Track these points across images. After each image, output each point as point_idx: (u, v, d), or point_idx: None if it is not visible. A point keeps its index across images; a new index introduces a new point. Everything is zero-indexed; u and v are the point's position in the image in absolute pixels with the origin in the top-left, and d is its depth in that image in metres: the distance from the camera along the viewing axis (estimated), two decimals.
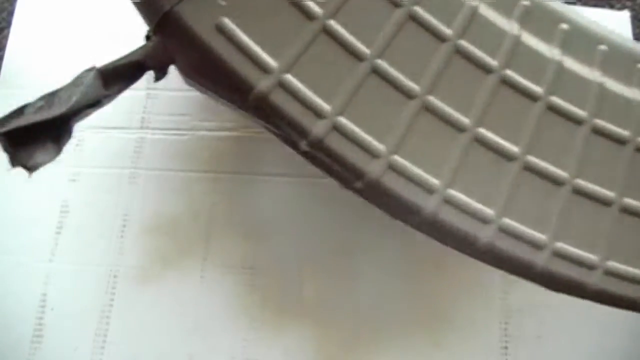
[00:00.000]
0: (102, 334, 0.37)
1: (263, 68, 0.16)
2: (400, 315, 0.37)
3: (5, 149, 0.19)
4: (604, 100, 0.18)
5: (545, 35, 0.19)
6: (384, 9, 0.17)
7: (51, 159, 0.20)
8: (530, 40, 0.19)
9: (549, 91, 0.18)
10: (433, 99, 0.17)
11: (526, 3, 0.19)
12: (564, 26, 0.19)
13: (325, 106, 0.16)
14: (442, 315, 0.37)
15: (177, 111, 0.42)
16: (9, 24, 0.44)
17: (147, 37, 0.21)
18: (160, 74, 0.21)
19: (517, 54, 0.18)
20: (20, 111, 0.20)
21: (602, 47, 0.19)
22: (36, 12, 0.45)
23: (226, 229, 0.39)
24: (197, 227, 0.39)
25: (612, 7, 0.47)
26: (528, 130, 0.18)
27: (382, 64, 0.17)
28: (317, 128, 0.17)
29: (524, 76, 0.18)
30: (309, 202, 0.39)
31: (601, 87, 0.18)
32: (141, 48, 0.20)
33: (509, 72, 0.18)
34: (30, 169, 0.19)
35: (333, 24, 0.16)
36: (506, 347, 0.37)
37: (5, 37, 0.44)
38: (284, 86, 0.16)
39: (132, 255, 0.38)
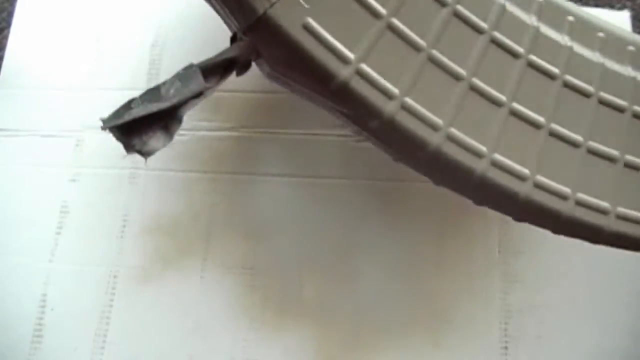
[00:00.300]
0: (102, 334, 0.37)
1: (343, 59, 0.19)
2: (400, 315, 0.37)
3: (119, 139, 0.23)
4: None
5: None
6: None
7: (164, 145, 0.24)
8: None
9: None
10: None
11: None
12: None
13: (392, 88, 0.20)
14: (442, 315, 0.37)
15: None
16: (9, 24, 0.44)
17: (233, 39, 0.24)
18: (244, 70, 0.24)
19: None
20: (128, 106, 0.23)
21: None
22: (36, 12, 0.45)
23: (226, 229, 0.39)
24: (197, 227, 0.39)
25: (612, 7, 0.47)
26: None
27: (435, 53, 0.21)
28: (389, 107, 0.20)
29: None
30: (309, 202, 0.39)
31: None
32: (234, 47, 0.23)
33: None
34: (145, 154, 0.23)
35: (394, 20, 0.20)
36: (506, 347, 0.37)
37: (5, 37, 0.44)
38: (360, 74, 0.20)
39: (132, 255, 0.38)
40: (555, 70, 0.22)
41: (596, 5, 0.47)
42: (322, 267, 0.38)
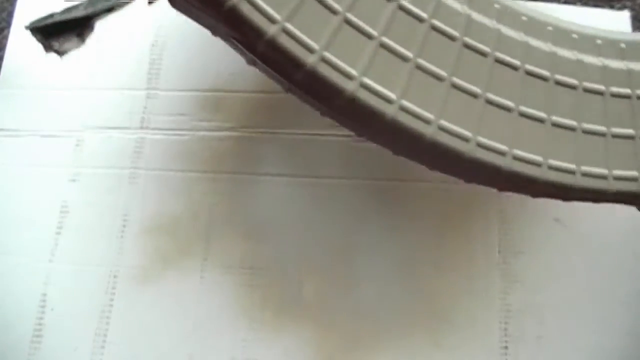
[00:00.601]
0: (102, 334, 0.37)
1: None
2: (400, 315, 0.37)
3: (40, 40, 0.28)
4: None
5: None
6: None
7: (77, 47, 0.29)
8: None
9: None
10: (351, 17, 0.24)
11: None
12: None
13: (276, 15, 0.22)
14: (442, 315, 0.37)
15: (177, 111, 0.42)
16: (9, 24, 0.44)
17: None
18: None
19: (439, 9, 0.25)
20: (49, 15, 0.29)
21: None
22: (36, 12, 0.45)
23: (226, 229, 0.39)
24: (197, 227, 0.39)
25: (612, 7, 0.47)
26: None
27: None
28: (272, 30, 0.22)
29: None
30: (309, 202, 0.39)
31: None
32: None
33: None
34: (60, 53, 0.29)
35: None
36: (506, 347, 0.37)
37: (5, 37, 0.44)
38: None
39: (132, 255, 0.38)
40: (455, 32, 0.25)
41: (596, 5, 0.47)
42: (321, 267, 0.38)
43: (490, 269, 0.38)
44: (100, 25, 0.44)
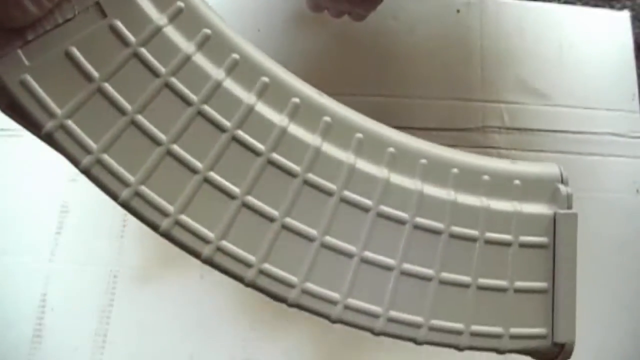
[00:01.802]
0: (102, 334, 0.37)
1: (50, 113, 0.22)
2: None
3: None
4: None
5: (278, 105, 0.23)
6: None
7: None
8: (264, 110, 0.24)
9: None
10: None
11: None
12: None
13: (91, 144, 0.22)
14: None
15: None
16: None
17: None
18: None
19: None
20: None
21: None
22: None
23: None
24: None
25: (612, 7, 0.47)
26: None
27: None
28: (85, 160, 0.23)
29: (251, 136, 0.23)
30: None
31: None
32: None
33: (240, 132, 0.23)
34: None
35: (106, 85, 0.22)
36: None
37: None
38: (63, 127, 0.22)
39: (132, 255, 0.38)
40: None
41: (596, 5, 0.47)
42: None
43: None
44: None
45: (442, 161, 0.25)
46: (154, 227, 0.23)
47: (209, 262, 0.24)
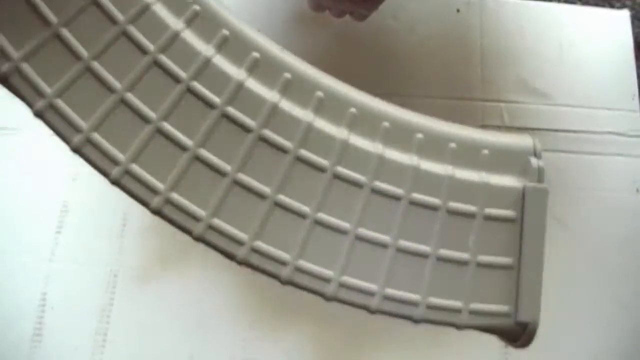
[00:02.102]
0: (102, 334, 0.37)
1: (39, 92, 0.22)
2: None
3: None
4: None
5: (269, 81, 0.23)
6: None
7: None
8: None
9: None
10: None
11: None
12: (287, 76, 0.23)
13: (81, 122, 0.22)
14: None
15: None
16: None
17: None
18: None
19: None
20: None
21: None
22: None
23: None
24: None
25: (612, 6, 0.47)
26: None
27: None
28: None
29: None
30: None
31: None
32: None
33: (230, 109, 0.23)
34: None
35: (95, 64, 0.22)
36: (506, 347, 0.37)
37: None
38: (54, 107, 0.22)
39: (132, 255, 0.38)
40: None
41: (596, 5, 0.47)
42: None
43: None
44: None
45: (406, 125, 0.24)
46: (145, 204, 0.23)
47: (202, 240, 0.23)
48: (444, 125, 0.24)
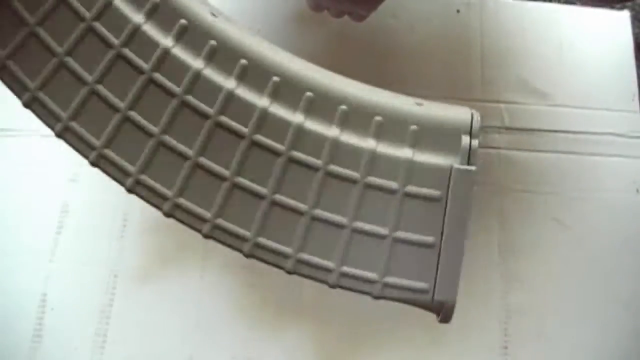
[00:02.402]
0: (102, 334, 0.37)
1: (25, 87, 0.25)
2: (400, 315, 0.37)
3: None
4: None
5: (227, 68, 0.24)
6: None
7: None
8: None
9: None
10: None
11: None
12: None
13: (61, 112, 0.25)
14: None
15: None
16: None
17: None
18: None
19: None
20: None
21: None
22: None
23: None
24: None
25: (612, 7, 0.47)
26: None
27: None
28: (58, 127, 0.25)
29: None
30: None
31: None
32: None
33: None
34: None
35: (68, 59, 0.24)
36: (506, 347, 0.37)
37: None
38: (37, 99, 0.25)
39: (132, 255, 0.38)
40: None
41: (596, 5, 0.47)
42: None
43: (490, 269, 0.38)
44: None
45: (331, 95, 0.24)
46: (121, 183, 0.25)
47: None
48: (373, 96, 0.25)
